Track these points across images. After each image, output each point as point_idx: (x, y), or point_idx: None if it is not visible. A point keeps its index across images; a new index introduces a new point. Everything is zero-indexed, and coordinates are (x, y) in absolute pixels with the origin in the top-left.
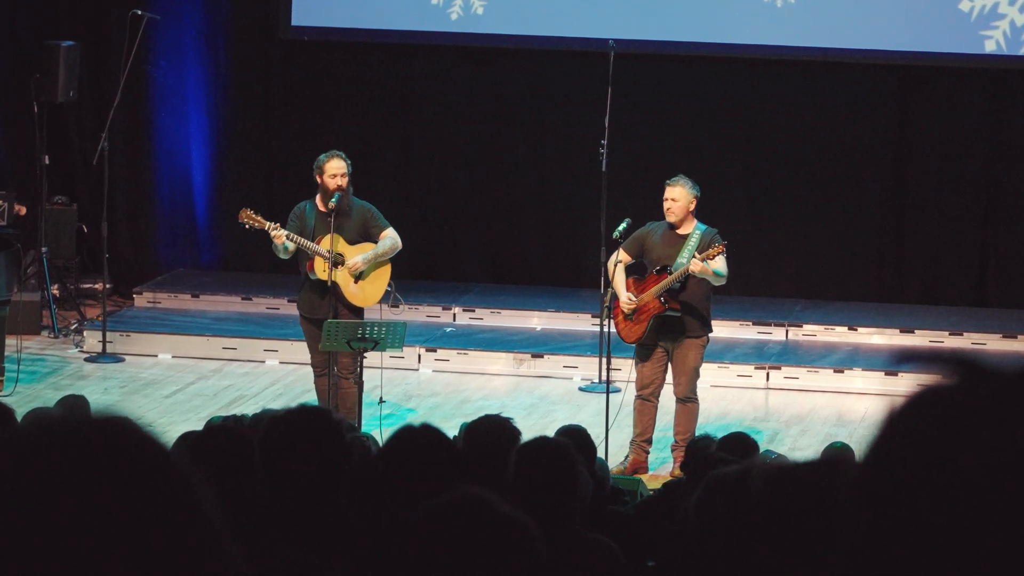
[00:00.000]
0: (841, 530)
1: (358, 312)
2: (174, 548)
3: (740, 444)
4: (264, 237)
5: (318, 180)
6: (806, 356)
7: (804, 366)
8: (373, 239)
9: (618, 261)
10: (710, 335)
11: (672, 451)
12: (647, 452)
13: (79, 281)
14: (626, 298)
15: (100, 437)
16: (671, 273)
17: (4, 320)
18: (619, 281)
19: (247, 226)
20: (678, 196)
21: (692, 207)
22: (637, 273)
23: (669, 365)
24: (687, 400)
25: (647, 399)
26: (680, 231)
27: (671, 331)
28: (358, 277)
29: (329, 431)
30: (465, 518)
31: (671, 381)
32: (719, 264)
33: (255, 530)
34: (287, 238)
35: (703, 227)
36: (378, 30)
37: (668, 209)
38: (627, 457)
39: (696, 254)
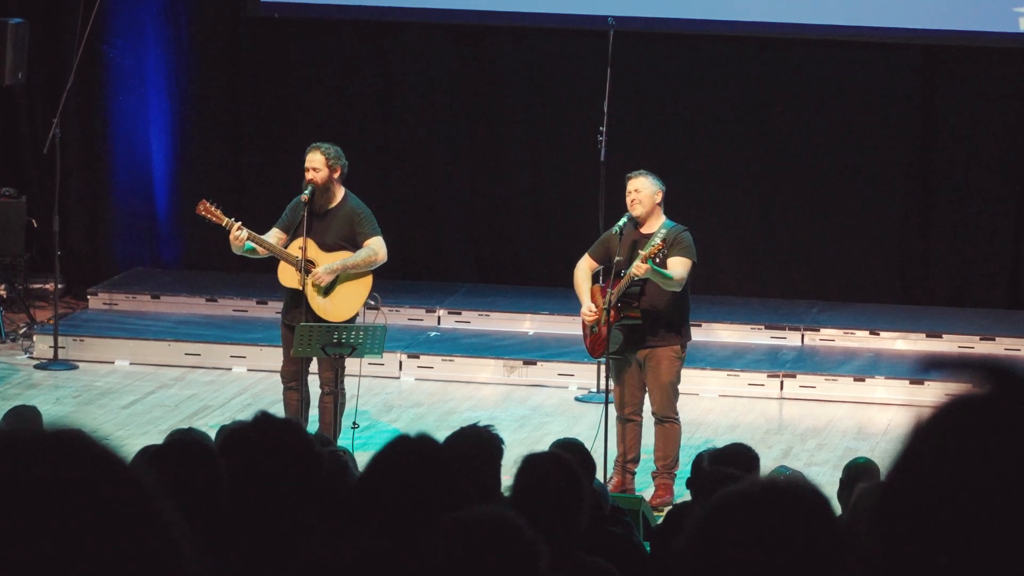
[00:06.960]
0: (864, 552)
1: None
2: (136, 568)
3: (739, 458)
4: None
5: None
6: (824, 363)
7: (821, 374)
8: (358, 246)
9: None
10: (686, 344)
11: (652, 478)
12: (632, 473)
13: (28, 281)
14: (587, 308)
15: (53, 452)
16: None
17: None
18: (583, 290)
19: (205, 220)
20: (642, 187)
21: (658, 199)
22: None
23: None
24: (664, 420)
25: (628, 419)
26: (644, 229)
27: (636, 342)
28: (327, 290)
29: (295, 443)
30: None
31: None
32: (672, 266)
33: (222, 549)
34: (249, 239)
35: (670, 224)
36: (356, 6)
37: (633, 201)
38: (610, 478)
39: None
